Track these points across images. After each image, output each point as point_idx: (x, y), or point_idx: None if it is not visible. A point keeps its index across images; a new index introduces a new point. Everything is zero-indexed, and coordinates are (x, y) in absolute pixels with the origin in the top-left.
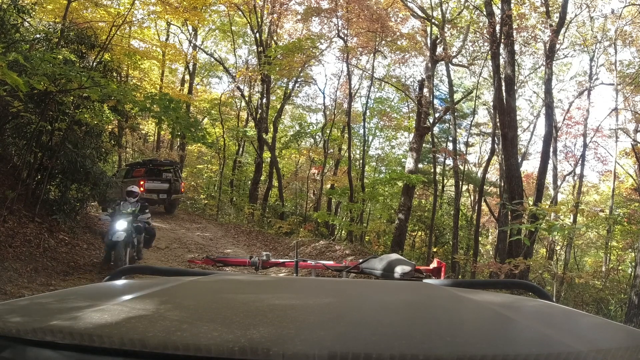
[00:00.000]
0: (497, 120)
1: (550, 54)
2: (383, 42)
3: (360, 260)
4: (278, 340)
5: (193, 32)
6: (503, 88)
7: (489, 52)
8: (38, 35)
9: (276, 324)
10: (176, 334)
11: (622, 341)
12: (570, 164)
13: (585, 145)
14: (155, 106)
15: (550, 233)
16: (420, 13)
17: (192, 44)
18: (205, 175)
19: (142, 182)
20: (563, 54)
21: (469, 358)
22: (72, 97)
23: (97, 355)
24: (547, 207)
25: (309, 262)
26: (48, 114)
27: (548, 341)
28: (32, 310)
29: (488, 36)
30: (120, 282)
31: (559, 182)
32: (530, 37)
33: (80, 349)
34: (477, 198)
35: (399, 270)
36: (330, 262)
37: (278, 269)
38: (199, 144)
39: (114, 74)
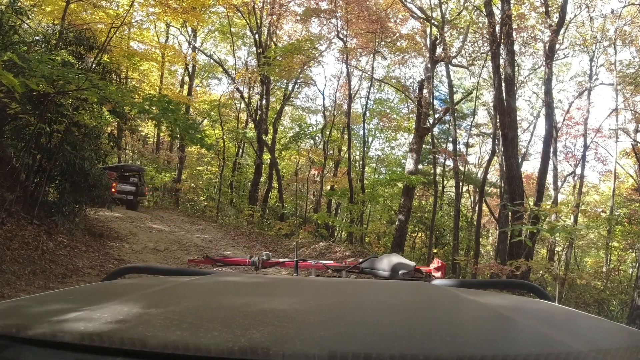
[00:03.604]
0: (497, 120)
1: (550, 53)
2: (382, 43)
3: (360, 260)
4: (278, 340)
5: (192, 34)
6: (503, 88)
7: (489, 53)
8: (37, 37)
9: (276, 324)
10: (176, 333)
11: (622, 341)
12: (570, 165)
13: (585, 146)
14: (154, 108)
15: (553, 234)
16: (419, 13)
17: (191, 46)
18: (205, 177)
19: (114, 184)
20: (564, 54)
21: (469, 358)
22: (70, 99)
23: (96, 355)
24: (548, 207)
25: (308, 261)
26: (46, 115)
27: (548, 341)
28: (32, 309)
29: (488, 36)
30: (119, 282)
31: (559, 183)
32: (530, 37)
33: (80, 348)
34: (477, 199)
35: (398, 270)
36: (330, 262)
37: (278, 268)
38: (198, 146)
39: (113, 76)
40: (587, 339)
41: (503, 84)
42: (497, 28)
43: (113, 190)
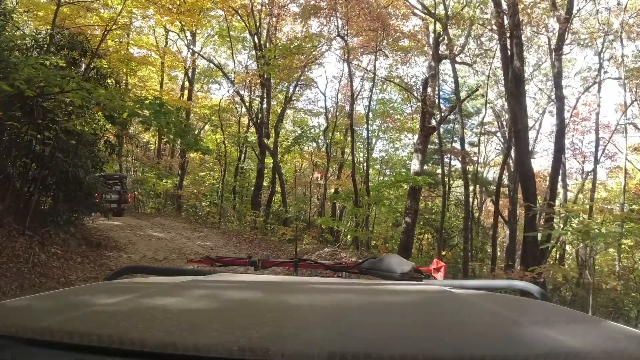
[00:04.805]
0: (503, 119)
1: (560, 43)
2: (384, 41)
3: (360, 261)
4: (277, 340)
5: (191, 38)
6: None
7: (497, 46)
8: (26, 41)
9: (275, 324)
10: (175, 333)
11: (622, 342)
12: (578, 162)
13: (597, 141)
14: (145, 111)
15: (588, 240)
16: (421, 9)
17: (190, 50)
18: (208, 182)
19: (97, 194)
20: (577, 43)
21: (468, 358)
22: (63, 104)
23: (96, 355)
24: (575, 207)
25: (308, 262)
26: (36, 122)
27: (548, 341)
28: (32, 309)
29: (496, 27)
30: (119, 282)
31: (569, 181)
32: (541, 26)
33: (80, 348)
34: (483, 199)
35: (398, 270)
36: (330, 262)
37: (278, 269)
38: (194, 150)
39: (109, 81)
40: (587, 339)
41: (510, 80)
42: (506, 20)
43: (97, 200)
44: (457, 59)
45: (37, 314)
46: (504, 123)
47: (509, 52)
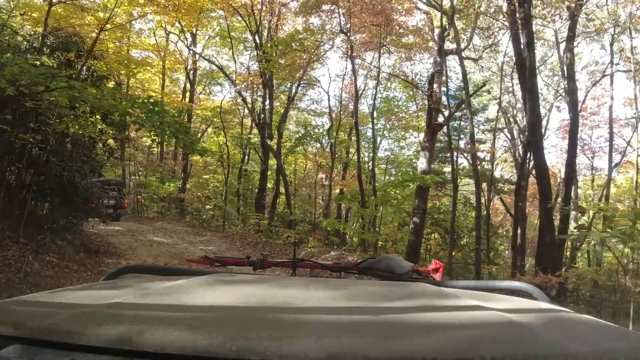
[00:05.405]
0: (509, 115)
1: (572, 31)
2: (388, 37)
3: (359, 261)
4: (276, 341)
5: (192, 39)
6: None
7: (504, 40)
8: (24, 44)
9: (274, 324)
10: (174, 334)
11: (621, 343)
12: (587, 157)
13: (611, 135)
14: (138, 110)
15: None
16: (425, 2)
17: (191, 51)
18: (211, 185)
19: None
20: (585, 36)
21: (468, 358)
22: (54, 106)
23: (95, 355)
24: (600, 205)
25: (307, 262)
26: (27, 125)
27: (547, 342)
28: (30, 309)
29: (508, 15)
30: (118, 282)
31: (578, 177)
32: (547, 17)
33: (79, 348)
34: (491, 197)
35: (397, 270)
36: (329, 263)
37: (277, 270)
38: (190, 151)
39: (109, 84)
40: (586, 340)
41: (527, 68)
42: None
43: (94, 205)
44: (462, 54)
45: (37, 314)
46: (511, 119)
47: (521, 43)
